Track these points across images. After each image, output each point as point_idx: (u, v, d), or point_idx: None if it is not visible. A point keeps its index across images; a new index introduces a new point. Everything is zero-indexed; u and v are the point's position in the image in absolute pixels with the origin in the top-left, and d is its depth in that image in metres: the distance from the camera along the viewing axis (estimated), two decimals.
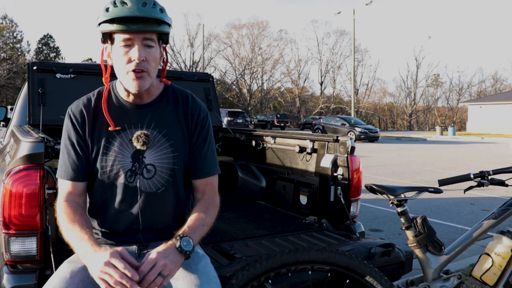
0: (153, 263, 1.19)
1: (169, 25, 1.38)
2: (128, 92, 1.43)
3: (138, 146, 1.40)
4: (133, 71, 1.33)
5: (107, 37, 1.36)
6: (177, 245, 1.25)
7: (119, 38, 1.33)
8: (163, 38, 1.40)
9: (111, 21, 1.30)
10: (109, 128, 1.42)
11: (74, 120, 1.44)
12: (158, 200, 1.45)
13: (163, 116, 1.47)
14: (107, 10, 1.31)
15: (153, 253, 1.21)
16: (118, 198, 1.43)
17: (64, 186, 1.41)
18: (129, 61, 1.33)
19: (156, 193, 1.44)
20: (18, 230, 1.61)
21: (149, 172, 1.43)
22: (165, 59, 1.48)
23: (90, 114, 1.45)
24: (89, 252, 1.21)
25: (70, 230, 1.30)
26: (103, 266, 1.15)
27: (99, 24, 1.34)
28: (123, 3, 1.30)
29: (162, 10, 1.35)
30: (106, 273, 1.15)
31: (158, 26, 1.34)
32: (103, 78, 1.44)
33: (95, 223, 1.49)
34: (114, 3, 1.31)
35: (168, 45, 1.51)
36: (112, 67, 1.43)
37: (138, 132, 1.40)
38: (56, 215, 1.37)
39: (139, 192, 1.42)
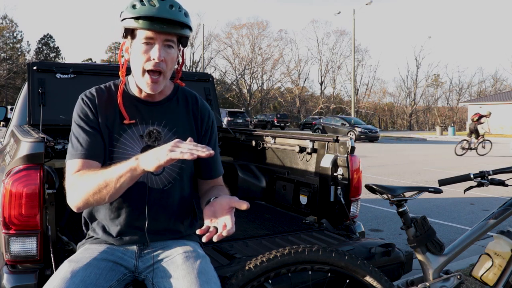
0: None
1: (191, 29, 1.42)
2: (141, 89, 1.45)
3: (149, 142, 1.40)
4: (151, 71, 1.36)
5: (129, 33, 1.38)
6: None
7: (141, 35, 1.34)
8: (182, 41, 1.43)
9: (137, 18, 1.32)
10: (124, 121, 1.42)
11: (88, 102, 1.43)
12: (163, 197, 1.45)
13: (173, 114, 1.49)
14: (133, 7, 1.33)
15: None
16: (123, 192, 1.42)
17: (74, 165, 1.33)
18: (149, 59, 1.35)
19: (163, 189, 1.45)
20: (18, 230, 1.61)
21: None
22: (180, 62, 1.50)
23: (102, 100, 1.45)
24: (138, 159, 1.20)
25: (99, 173, 1.25)
26: (173, 143, 1.15)
27: (124, 19, 1.35)
28: (151, 2, 1.33)
29: (186, 14, 1.38)
30: (175, 146, 1.14)
31: (181, 30, 1.37)
32: (119, 72, 1.46)
33: (95, 220, 1.48)
34: (141, 1, 1.33)
35: None
36: (127, 62, 1.45)
37: (151, 128, 1.41)
38: (66, 192, 1.30)
39: (146, 188, 1.42)
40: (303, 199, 2.79)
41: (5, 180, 1.62)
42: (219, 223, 1.21)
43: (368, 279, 1.59)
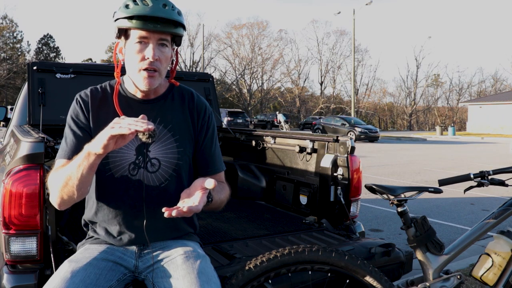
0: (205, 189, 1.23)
1: (184, 28, 1.42)
2: (136, 88, 1.45)
3: (143, 139, 1.39)
4: (146, 69, 1.36)
5: (122, 33, 1.38)
6: None
7: (135, 34, 1.35)
8: (176, 41, 1.44)
9: (130, 17, 1.32)
10: None
11: (81, 103, 1.45)
12: (160, 194, 1.45)
13: (168, 112, 1.49)
14: (126, 6, 1.34)
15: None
16: (120, 191, 1.43)
17: (56, 165, 1.36)
18: (143, 58, 1.36)
19: (159, 187, 1.45)
20: (18, 230, 1.61)
21: (153, 166, 1.44)
22: (174, 61, 1.50)
23: (96, 100, 1.46)
24: (89, 145, 1.19)
25: (65, 168, 1.26)
26: (115, 120, 1.15)
27: (117, 19, 1.36)
28: (144, 2, 1.33)
29: (179, 13, 1.38)
30: (116, 123, 1.14)
31: (175, 28, 1.37)
32: (115, 73, 1.47)
33: (94, 221, 1.48)
34: (135, 0, 1.34)
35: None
36: (122, 63, 1.45)
37: None
38: (47, 183, 1.31)
39: (142, 186, 1.42)
40: (303, 199, 2.79)
41: (5, 180, 1.62)
42: (189, 202, 1.21)
43: (368, 279, 1.59)
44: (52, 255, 1.63)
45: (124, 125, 1.12)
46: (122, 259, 1.42)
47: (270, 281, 1.56)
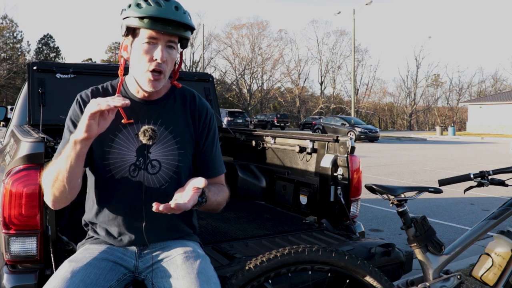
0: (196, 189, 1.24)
1: (192, 32, 1.42)
2: (139, 88, 1.45)
3: (144, 140, 1.39)
4: (153, 71, 1.36)
5: (130, 31, 1.37)
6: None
7: (144, 34, 1.34)
8: (183, 43, 1.44)
9: (141, 17, 1.32)
10: (122, 121, 1.41)
11: (81, 104, 1.44)
12: (161, 196, 1.44)
13: (170, 113, 1.49)
14: (138, 5, 1.32)
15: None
16: (120, 192, 1.42)
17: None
18: (151, 59, 1.35)
19: (160, 189, 1.44)
20: (18, 230, 1.61)
21: (154, 168, 1.44)
22: (178, 63, 1.50)
23: None
24: (73, 134, 1.22)
25: (54, 163, 1.28)
26: (89, 104, 1.18)
27: (127, 17, 1.35)
28: (157, 3, 1.32)
29: (189, 16, 1.38)
30: (94, 102, 1.16)
31: (184, 31, 1.37)
32: (118, 71, 1.46)
33: (94, 222, 1.48)
34: (147, 0, 1.33)
35: None
36: (126, 61, 1.44)
37: (145, 127, 1.40)
38: (41, 183, 1.33)
39: (142, 187, 1.42)
40: (303, 199, 2.79)
41: (5, 180, 1.62)
42: (179, 199, 1.23)
43: (368, 279, 1.59)
44: (52, 255, 1.63)
45: (102, 102, 1.15)
46: (122, 259, 1.42)
47: (270, 281, 1.56)
